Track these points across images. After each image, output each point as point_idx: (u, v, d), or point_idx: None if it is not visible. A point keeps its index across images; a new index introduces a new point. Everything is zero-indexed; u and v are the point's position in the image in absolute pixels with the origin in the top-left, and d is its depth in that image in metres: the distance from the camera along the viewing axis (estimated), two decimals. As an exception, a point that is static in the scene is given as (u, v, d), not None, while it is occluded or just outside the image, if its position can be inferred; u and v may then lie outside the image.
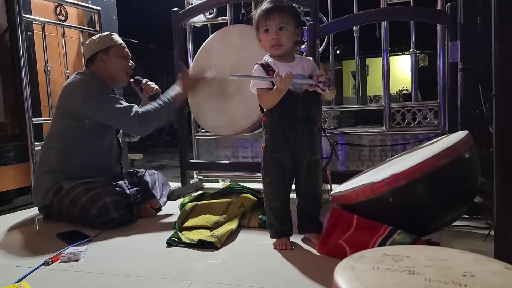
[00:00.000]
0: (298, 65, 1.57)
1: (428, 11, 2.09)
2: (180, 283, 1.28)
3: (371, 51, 11.57)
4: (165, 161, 6.64)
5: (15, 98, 2.52)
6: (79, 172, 2.08)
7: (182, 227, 1.79)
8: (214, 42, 2.46)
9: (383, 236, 1.36)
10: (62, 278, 1.36)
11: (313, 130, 1.57)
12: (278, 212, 1.58)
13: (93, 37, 2.27)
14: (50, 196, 2.08)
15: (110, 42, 2.20)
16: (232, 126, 2.28)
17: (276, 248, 1.55)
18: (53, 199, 2.06)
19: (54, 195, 2.06)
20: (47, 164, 2.14)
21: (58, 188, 2.06)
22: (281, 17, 1.50)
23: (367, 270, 0.75)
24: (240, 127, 2.26)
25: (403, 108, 2.39)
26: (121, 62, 2.22)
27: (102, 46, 2.18)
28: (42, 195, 2.11)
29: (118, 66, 2.21)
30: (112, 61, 2.19)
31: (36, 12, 2.74)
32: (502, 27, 1.14)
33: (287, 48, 1.54)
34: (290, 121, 1.54)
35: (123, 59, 2.23)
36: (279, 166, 1.56)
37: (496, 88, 1.15)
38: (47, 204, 2.09)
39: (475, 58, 1.89)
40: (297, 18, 1.54)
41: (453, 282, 0.68)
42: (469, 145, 1.44)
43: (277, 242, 1.57)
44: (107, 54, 2.18)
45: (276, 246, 1.56)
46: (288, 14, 1.51)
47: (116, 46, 2.21)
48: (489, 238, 1.49)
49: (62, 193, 2.03)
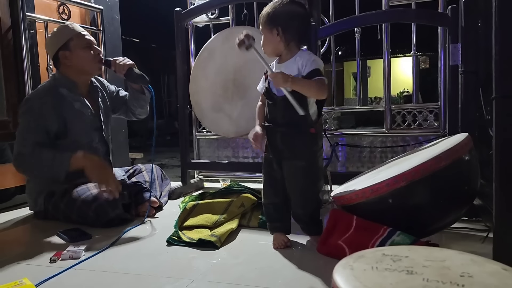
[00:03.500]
0: (291, 65, 1.53)
1: (429, 13, 2.10)
2: (180, 281, 1.29)
3: (372, 53, 11.55)
4: (165, 160, 6.65)
5: (17, 96, 2.53)
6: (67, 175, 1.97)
7: (182, 226, 1.80)
8: (217, 43, 2.46)
9: (383, 237, 1.36)
10: (63, 276, 1.37)
11: (297, 134, 1.52)
12: (269, 209, 1.64)
13: (50, 33, 2.11)
14: (40, 202, 2.06)
15: (67, 35, 2.05)
16: (237, 128, 2.27)
17: (274, 246, 1.57)
18: (46, 205, 2.04)
19: (48, 200, 2.03)
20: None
21: (49, 192, 2.03)
22: (262, 25, 1.55)
23: (366, 270, 0.75)
24: (245, 129, 2.25)
25: (404, 110, 2.40)
26: (86, 53, 2.08)
27: (61, 41, 2.05)
28: (33, 200, 2.10)
29: (83, 58, 2.07)
30: (75, 55, 2.05)
31: (39, 11, 2.75)
32: (502, 30, 1.15)
33: (269, 51, 1.56)
34: (273, 124, 1.56)
35: (87, 49, 2.08)
36: (266, 165, 1.63)
37: (497, 91, 1.16)
38: (41, 211, 2.08)
39: (476, 60, 1.90)
40: (273, 21, 1.50)
41: (450, 282, 0.69)
42: (469, 147, 1.44)
43: (273, 237, 1.61)
44: (68, 49, 2.05)
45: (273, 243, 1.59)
46: (264, 21, 1.52)
47: (75, 37, 2.06)
48: (487, 240, 1.50)
49: (56, 197, 2.01)
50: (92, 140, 2.16)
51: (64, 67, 2.10)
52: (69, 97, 2.09)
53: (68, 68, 2.09)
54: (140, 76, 2.14)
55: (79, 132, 2.09)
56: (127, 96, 2.37)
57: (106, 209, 1.90)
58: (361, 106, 2.78)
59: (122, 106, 2.38)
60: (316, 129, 1.54)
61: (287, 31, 1.49)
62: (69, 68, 2.09)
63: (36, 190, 2.08)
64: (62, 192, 2.00)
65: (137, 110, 2.37)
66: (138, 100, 2.30)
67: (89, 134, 2.15)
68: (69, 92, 2.09)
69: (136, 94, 2.28)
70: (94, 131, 2.17)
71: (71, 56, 2.06)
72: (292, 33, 1.50)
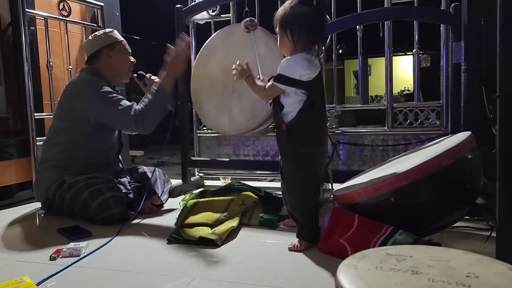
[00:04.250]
0: None
1: (432, 11, 2.08)
2: (181, 279, 1.28)
3: (373, 51, 11.55)
4: (166, 158, 6.64)
5: (17, 92, 2.52)
6: (81, 169, 2.08)
7: (183, 224, 1.79)
8: (217, 40, 2.45)
9: (385, 236, 1.36)
10: (63, 273, 1.36)
11: (279, 132, 1.59)
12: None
13: (96, 33, 2.26)
14: (52, 191, 2.08)
15: (114, 38, 2.22)
16: (237, 126, 2.26)
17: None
18: (55, 194, 2.07)
19: (56, 190, 2.06)
20: (49, 160, 2.13)
21: (60, 182, 2.06)
22: (276, 28, 1.59)
23: (370, 270, 0.75)
24: (246, 127, 2.23)
25: (406, 108, 2.39)
26: (126, 58, 2.24)
27: (108, 41, 2.19)
28: (44, 190, 2.11)
29: (123, 62, 2.23)
30: (117, 57, 2.21)
31: (39, 7, 2.74)
32: (507, 28, 1.14)
33: (284, 52, 1.60)
34: None
35: (127, 55, 2.25)
36: None
37: (500, 89, 1.15)
38: (49, 199, 2.10)
39: (478, 59, 1.89)
40: (282, 23, 1.53)
41: (456, 282, 0.68)
42: (472, 146, 1.43)
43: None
44: (112, 49, 2.20)
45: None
46: (276, 25, 1.57)
47: (120, 42, 2.23)
48: (490, 239, 1.49)
49: (64, 187, 2.03)
50: (114, 136, 2.28)
51: (101, 64, 2.19)
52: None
53: (105, 66, 2.19)
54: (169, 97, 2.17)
55: (108, 129, 2.20)
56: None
57: (110, 205, 1.92)
58: (362, 105, 2.77)
59: None
60: (289, 128, 1.51)
61: (294, 33, 1.51)
62: (106, 67, 2.19)
63: (48, 182, 2.10)
64: (72, 183, 2.02)
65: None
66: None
67: (112, 134, 2.27)
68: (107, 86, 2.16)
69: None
70: (114, 131, 2.28)
71: (114, 56, 2.19)
72: (299, 35, 1.50)
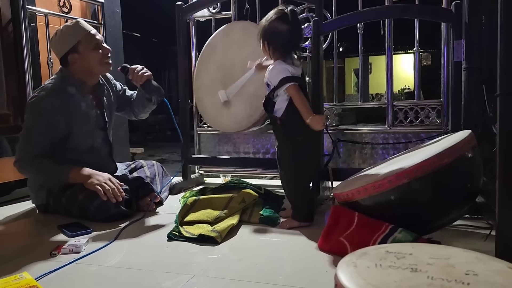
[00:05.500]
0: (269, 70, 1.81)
1: (433, 9, 2.07)
2: (181, 277, 1.28)
3: (374, 49, 11.51)
4: (166, 155, 6.65)
5: (17, 89, 2.52)
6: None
7: (183, 222, 1.79)
8: (218, 38, 2.46)
9: (384, 234, 1.36)
10: (63, 270, 1.36)
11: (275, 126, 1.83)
12: None
13: (56, 36, 2.04)
14: (42, 195, 2.05)
15: (75, 37, 1.99)
16: (236, 123, 2.27)
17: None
18: (47, 198, 2.04)
19: (48, 194, 2.03)
20: None
21: (51, 186, 2.02)
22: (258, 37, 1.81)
23: (369, 267, 0.75)
24: (244, 125, 2.26)
25: (406, 107, 2.39)
26: (96, 54, 2.03)
27: (69, 45, 2.00)
28: (35, 194, 2.09)
29: (92, 59, 2.02)
30: (85, 57, 2.01)
31: (40, 4, 2.73)
32: (508, 26, 1.14)
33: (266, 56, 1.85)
34: None
35: (96, 50, 2.03)
36: None
37: (501, 87, 1.14)
38: (43, 203, 2.07)
39: (479, 57, 1.88)
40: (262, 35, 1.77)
41: (456, 280, 0.68)
42: (472, 144, 1.43)
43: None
44: (77, 52, 2.00)
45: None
46: (258, 34, 1.79)
47: (84, 38, 2.00)
48: (490, 238, 1.49)
49: (57, 191, 2.00)
50: (95, 140, 2.13)
51: (71, 67, 2.05)
52: (77, 97, 2.05)
53: (76, 69, 2.04)
54: (157, 89, 2.14)
55: (84, 133, 2.07)
56: (133, 96, 2.36)
57: (108, 206, 1.89)
58: (362, 103, 2.77)
59: (126, 106, 2.37)
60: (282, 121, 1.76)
61: (271, 45, 1.76)
62: (77, 69, 2.05)
63: (38, 183, 2.07)
64: (64, 186, 1.99)
65: (140, 114, 2.37)
66: (144, 107, 2.30)
67: (93, 135, 2.12)
68: (77, 92, 2.05)
69: (145, 102, 2.26)
70: (98, 131, 2.15)
71: (80, 59, 2.02)
72: (275, 47, 1.76)
